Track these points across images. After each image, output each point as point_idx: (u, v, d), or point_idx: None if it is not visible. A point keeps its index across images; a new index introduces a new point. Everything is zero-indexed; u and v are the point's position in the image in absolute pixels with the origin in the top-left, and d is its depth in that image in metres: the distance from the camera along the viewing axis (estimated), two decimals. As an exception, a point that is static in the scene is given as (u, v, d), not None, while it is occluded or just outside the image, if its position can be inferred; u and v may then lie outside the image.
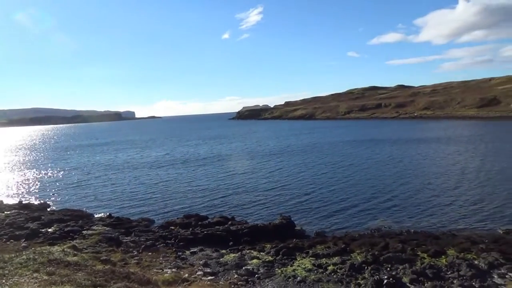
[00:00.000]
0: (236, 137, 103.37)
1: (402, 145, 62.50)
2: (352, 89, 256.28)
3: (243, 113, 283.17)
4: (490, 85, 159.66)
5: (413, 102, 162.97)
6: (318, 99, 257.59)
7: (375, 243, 18.57)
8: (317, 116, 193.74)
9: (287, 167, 46.01)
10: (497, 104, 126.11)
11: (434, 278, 14.44)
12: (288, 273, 15.44)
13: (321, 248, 18.25)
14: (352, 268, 15.54)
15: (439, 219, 23.75)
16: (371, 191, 31.76)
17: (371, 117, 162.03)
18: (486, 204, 26.42)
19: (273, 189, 34.18)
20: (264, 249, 18.79)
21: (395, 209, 26.33)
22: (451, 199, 28.14)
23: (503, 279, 14.42)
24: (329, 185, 34.77)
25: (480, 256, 16.40)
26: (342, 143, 72.16)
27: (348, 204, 27.98)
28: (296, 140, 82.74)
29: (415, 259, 16.47)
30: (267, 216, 25.83)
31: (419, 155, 50.66)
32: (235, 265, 16.56)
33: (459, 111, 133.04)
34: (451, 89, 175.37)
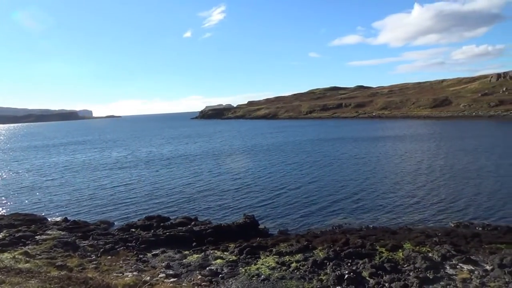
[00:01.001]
0: (200, 137, 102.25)
1: (363, 144, 64.63)
2: (314, 89, 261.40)
3: (206, 112, 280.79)
4: (442, 86, 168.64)
5: (372, 102, 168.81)
6: (280, 98, 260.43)
7: (336, 240, 19.02)
8: (280, 115, 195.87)
9: (252, 167, 46.14)
10: (449, 105, 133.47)
11: (391, 271, 15.00)
12: (252, 271, 15.47)
13: (284, 246, 18.44)
14: (314, 265, 15.83)
15: (397, 215, 24.75)
16: (333, 188, 32.54)
17: (332, 116, 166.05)
18: (439, 199, 27.87)
19: (238, 188, 34.15)
20: (228, 248, 18.71)
21: (356, 206, 27.13)
22: (407, 195, 29.41)
23: (455, 269, 15.26)
24: (293, 183, 35.23)
25: (434, 249, 17.25)
26: (306, 142, 73.46)
27: (311, 202, 28.49)
28: (261, 140, 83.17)
29: (374, 253, 17.04)
30: (231, 216, 25.77)
31: (378, 153, 52.57)
32: (198, 265, 16.37)
33: (414, 111, 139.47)
34: (407, 90, 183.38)
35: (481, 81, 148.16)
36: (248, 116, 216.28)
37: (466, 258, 16.06)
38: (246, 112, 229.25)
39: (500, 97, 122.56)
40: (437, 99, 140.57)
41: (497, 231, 20.62)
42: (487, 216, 23.62)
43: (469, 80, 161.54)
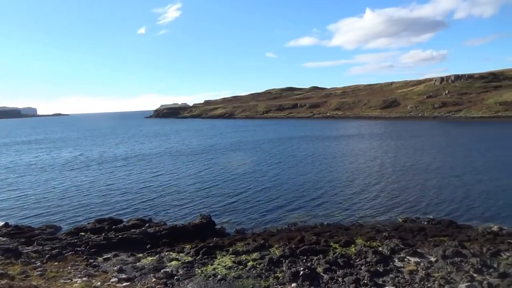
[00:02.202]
0: (157, 136, 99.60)
1: (319, 143, 66.30)
2: (270, 89, 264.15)
3: (161, 111, 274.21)
4: (391, 88, 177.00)
5: (326, 102, 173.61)
6: (237, 98, 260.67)
7: (292, 237, 19.33)
8: (237, 115, 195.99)
9: (211, 166, 45.69)
10: (397, 106, 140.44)
11: (344, 266, 15.49)
12: (209, 272, 15.31)
13: (241, 245, 18.44)
14: (270, 263, 15.97)
15: (349, 212, 25.61)
16: (290, 187, 33.03)
17: (288, 116, 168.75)
18: (388, 195, 29.21)
19: (196, 188, 33.67)
20: (184, 250, 18.39)
21: (311, 204, 27.72)
22: (359, 192, 30.53)
23: (403, 262, 16.06)
24: (250, 183, 35.32)
25: (384, 243, 18.06)
26: (264, 141, 74.02)
27: (268, 201, 28.72)
28: (220, 139, 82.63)
29: (328, 249, 17.51)
30: (188, 216, 25.35)
31: (333, 152, 54.15)
32: (153, 268, 15.94)
33: (366, 112, 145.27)
34: (359, 91, 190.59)
35: (426, 84, 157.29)
36: (205, 116, 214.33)
37: (413, 251, 16.97)
38: (203, 111, 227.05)
39: (443, 99, 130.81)
40: (387, 100, 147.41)
41: (441, 224, 21.97)
42: (432, 211, 25.09)
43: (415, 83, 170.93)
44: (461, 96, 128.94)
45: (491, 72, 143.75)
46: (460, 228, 21.29)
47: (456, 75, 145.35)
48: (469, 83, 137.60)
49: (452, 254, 16.30)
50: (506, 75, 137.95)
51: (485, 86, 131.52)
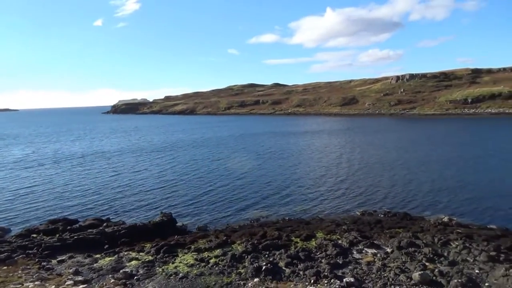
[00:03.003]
0: (116, 133, 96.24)
1: (282, 139, 67.01)
2: (232, 86, 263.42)
3: (119, 106, 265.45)
4: (350, 86, 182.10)
5: (288, 99, 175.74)
6: (199, 94, 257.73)
7: (254, 233, 19.42)
8: (198, 111, 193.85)
9: (173, 163, 44.87)
10: (356, 103, 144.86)
11: (306, 260, 15.78)
12: (170, 270, 15.04)
13: (203, 242, 18.27)
14: (233, 259, 15.95)
15: (310, 206, 26.13)
16: (252, 183, 33.14)
17: (250, 112, 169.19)
18: (348, 190, 30.09)
19: (156, 186, 32.96)
20: (144, 249, 17.94)
21: (273, 199, 27.99)
22: (320, 187, 31.22)
23: (361, 254, 16.62)
24: (212, 180, 35.08)
25: (343, 236, 18.59)
26: (228, 137, 73.74)
27: (230, 197, 28.67)
28: (182, 136, 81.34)
29: (289, 244, 17.76)
30: (148, 215, 24.76)
31: (294, 148, 54.95)
32: (111, 269, 15.41)
33: (326, 109, 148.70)
34: (319, 88, 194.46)
35: (383, 82, 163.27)
36: (165, 112, 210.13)
37: (370, 243, 17.60)
38: (163, 107, 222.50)
39: (398, 97, 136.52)
40: (346, 97, 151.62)
41: (396, 217, 22.94)
42: (388, 205, 26.14)
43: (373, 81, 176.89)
44: (415, 94, 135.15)
45: (442, 72, 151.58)
46: (413, 220, 22.34)
47: (410, 74, 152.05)
48: (422, 82, 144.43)
49: (406, 244, 17.07)
50: (456, 75, 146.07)
51: (437, 85, 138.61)
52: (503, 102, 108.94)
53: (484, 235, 18.56)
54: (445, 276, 13.71)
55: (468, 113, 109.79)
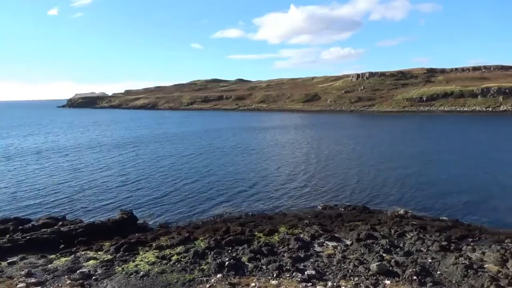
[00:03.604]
0: (73, 128, 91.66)
1: (246, 135, 67.05)
2: (195, 81, 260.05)
3: (75, 100, 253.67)
4: (313, 83, 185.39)
5: (251, 95, 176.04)
6: (161, 88, 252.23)
7: (217, 229, 19.33)
8: (161, 106, 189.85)
9: (136, 159, 43.62)
10: (318, 100, 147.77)
11: (268, 254, 15.92)
12: (130, 269, 14.64)
13: (165, 240, 17.95)
14: (196, 255, 15.79)
15: (273, 201, 26.38)
16: (215, 179, 32.95)
17: (214, 108, 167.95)
18: (310, 185, 30.66)
19: (116, 183, 31.94)
20: (103, 248, 17.34)
21: (236, 195, 27.99)
22: (283, 182, 31.58)
23: (322, 247, 17.00)
24: (175, 176, 34.52)
25: (305, 230, 18.93)
26: (192, 133, 72.72)
27: (193, 194, 28.34)
28: (145, 131, 79.20)
29: (252, 239, 17.84)
30: (107, 212, 23.98)
31: (258, 144, 55.19)
32: (67, 269, 14.76)
33: (289, 105, 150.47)
34: (282, 85, 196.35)
35: (344, 80, 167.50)
36: (125, 106, 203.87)
37: (331, 236, 18.05)
38: (123, 101, 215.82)
39: (358, 94, 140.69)
40: (309, 94, 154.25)
41: (356, 210, 23.68)
42: (348, 198, 26.92)
43: (335, 79, 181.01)
44: (374, 92, 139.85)
45: (400, 71, 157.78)
46: (372, 213, 23.16)
47: (370, 72, 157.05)
48: (381, 80, 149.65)
49: (365, 237, 17.66)
50: (412, 74, 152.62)
51: (395, 83, 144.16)
52: (454, 101, 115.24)
53: (437, 226, 19.59)
54: (400, 266, 14.32)
55: (423, 110, 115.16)
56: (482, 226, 20.53)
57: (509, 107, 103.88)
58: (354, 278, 13.54)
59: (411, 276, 13.36)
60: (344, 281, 13.34)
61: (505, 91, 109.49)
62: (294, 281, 13.39)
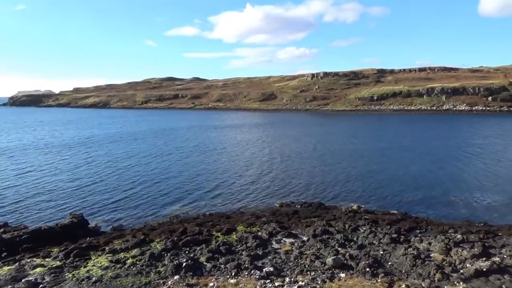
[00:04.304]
0: (17, 127, 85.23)
1: (203, 134, 66.29)
2: (149, 79, 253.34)
3: (18, 98, 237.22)
4: (269, 82, 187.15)
5: (208, 94, 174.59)
6: (113, 86, 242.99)
7: (174, 230, 18.96)
8: (113, 104, 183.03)
9: (85, 161, 41.55)
10: (274, 99, 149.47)
11: (227, 253, 15.85)
12: (81, 275, 13.96)
13: (119, 243, 17.31)
14: (152, 257, 15.37)
15: (231, 200, 26.33)
16: (171, 179, 32.30)
17: (169, 107, 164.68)
18: (267, 183, 30.93)
19: (67, 186, 30.28)
20: (51, 254, 16.38)
21: (194, 195, 27.62)
22: (241, 181, 31.61)
23: (279, 244, 17.20)
24: (129, 177, 33.41)
25: (263, 228, 19.05)
26: (146, 132, 70.63)
27: (148, 195, 27.59)
28: (98, 130, 75.62)
29: (210, 239, 17.67)
30: (56, 217, 22.68)
31: (215, 143, 54.81)
32: (11, 279, 13.79)
33: (246, 104, 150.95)
34: (239, 84, 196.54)
35: (299, 79, 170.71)
36: (74, 105, 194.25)
37: (288, 233, 18.32)
38: (72, 99, 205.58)
39: (313, 93, 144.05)
40: (265, 93, 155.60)
41: (312, 207, 24.22)
42: (305, 195, 27.49)
43: (290, 78, 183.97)
44: (329, 91, 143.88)
45: (352, 71, 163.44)
46: (327, 209, 23.80)
47: (324, 72, 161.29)
48: (335, 80, 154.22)
49: (321, 232, 18.11)
50: (364, 74, 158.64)
51: (347, 83, 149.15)
52: (403, 100, 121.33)
53: (387, 219, 20.51)
54: (354, 259, 14.83)
55: (374, 109, 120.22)
56: (428, 218, 21.81)
57: (451, 106, 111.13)
58: (310, 273, 13.83)
59: (365, 268, 13.88)
60: (301, 276, 13.60)
61: (447, 91, 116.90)
62: (252, 278, 13.44)
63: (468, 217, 22.05)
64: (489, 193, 27.17)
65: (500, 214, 22.73)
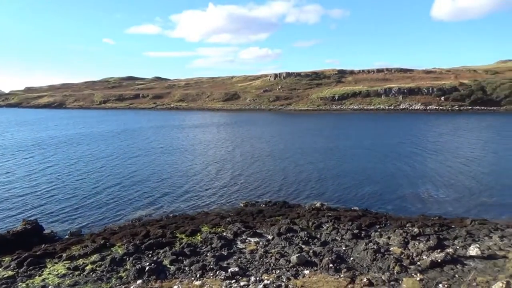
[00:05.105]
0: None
1: (167, 134, 64.91)
2: (108, 78, 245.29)
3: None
4: (232, 82, 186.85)
5: (170, 94, 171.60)
6: (68, 86, 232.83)
7: (136, 233, 18.44)
8: (69, 104, 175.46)
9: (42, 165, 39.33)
10: (238, 99, 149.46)
11: (191, 255, 15.63)
12: (36, 284, 13.25)
13: (77, 249, 16.59)
14: (113, 263, 14.86)
15: (195, 201, 26.00)
16: (131, 181, 31.41)
17: (129, 107, 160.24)
18: (231, 183, 30.84)
19: (20, 191, 28.53)
20: (2, 263, 15.43)
21: (156, 197, 27.01)
22: (204, 181, 31.30)
23: (244, 243, 17.19)
24: (88, 180, 32.10)
25: (227, 228, 18.97)
26: (107, 133, 68.09)
27: (108, 198, 26.66)
28: (55, 132, 71.77)
29: (174, 241, 17.35)
30: (6, 224, 21.37)
31: (179, 143, 53.92)
32: (-44, 292, 12.86)
33: (209, 104, 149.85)
34: (202, 83, 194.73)
35: (263, 79, 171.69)
36: (26, 105, 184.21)
37: (253, 232, 18.35)
38: (24, 99, 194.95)
39: (276, 93, 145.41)
40: (228, 93, 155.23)
41: (276, 206, 24.42)
42: (269, 194, 27.66)
43: (253, 78, 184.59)
44: (291, 91, 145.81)
45: (314, 71, 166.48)
46: (291, 207, 24.10)
47: (287, 72, 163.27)
48: (297, 80, 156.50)
49: (285, 230, 18.29)
50: (325, 75, 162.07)
51: (309, 83, 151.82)
52: (362, 100, 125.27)
53: (349, 216, 21.07)
54: (318, 256, 15.10)
55: (335, 109, 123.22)
56: (387, 213, 22.64)
57: (407, 106, 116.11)
58: (276, 271, 13.92)
59: (328, 264, 14.16)
60: (266, 275, 13.65)
61: (404, 91, 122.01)
62: (218, 279, 13.33)
63: (424, 211, 23.12)
64: (443, 187, 28.64)
65: (453, 208, 24.01)
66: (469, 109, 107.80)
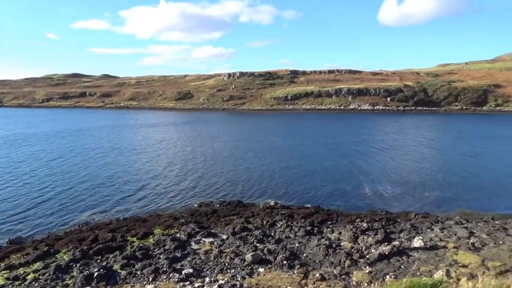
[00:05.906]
0: None
1: (117, 133, 62.36)
2: (51, 75, 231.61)
3: None
4: (185, 81, 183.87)
5: (119, 92, 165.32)
6: (6, 83, 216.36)
7: (83, 238, 17.58)
8: (6, 103, 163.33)
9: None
10: (191, 98, 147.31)
11: (143, 258, 15.18)
12: (-30, 298, 12.20)
13: (17, 257, 15.50)
14: (58, 270, 14.06)
15: (147, 203, 25.24)
16: (78, 184, 29.86)
17: (75, 106, 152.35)
18: (185, 183, 30.30)
19: None
20: None
21: (105, 200, 25.88)
22: (157, 182, 30.48)
23: (199, 244, 16.98)
24: (32, 184, 30.04)
25: (181, 229, 18.64)
26: (52, 134, 63.97)
27: (52, 202, 25.11)
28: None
29: (125, 244, 16.76)
30: None
31: (131, 144, 52.04)
32: None
33: (161, 103, 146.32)
34: (153, 82, 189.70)
35: (216, 78, 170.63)
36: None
37: (208, 232, 18.18)
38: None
39: (230, 93, 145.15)
40: (181, 92, 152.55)
41: (230, 205, 24.35)
42: (223, 194, 27.51)
43: (207, 77, 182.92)
44: (245, 91, 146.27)
45: (267, 71, 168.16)
46: (246, 206, 24.16)
47: (241, 72, 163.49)
48: (251, 79, 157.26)
49: (240, 230, 18.31)
50: (278, 75, 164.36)
51: (263, 83, 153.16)
52: (314, 100, 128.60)
53: (302, 213, 21.53)
54: (272, 253, 15.27)
55: (288, 108, 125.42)
56: (339, 210, 23.41)
57: (356, 106, 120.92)
58: (230, 271, 13.89)
59: (282, 261, 14.36)
60: (221, 274, 13.57)
61: (353, 92, 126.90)
62: (171, 282, 13.05)
63: (372, 207, 24.18)
64: (390, 184, 30.13)
65: (399, 203, 25.35)
66: (413, 110, 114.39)
